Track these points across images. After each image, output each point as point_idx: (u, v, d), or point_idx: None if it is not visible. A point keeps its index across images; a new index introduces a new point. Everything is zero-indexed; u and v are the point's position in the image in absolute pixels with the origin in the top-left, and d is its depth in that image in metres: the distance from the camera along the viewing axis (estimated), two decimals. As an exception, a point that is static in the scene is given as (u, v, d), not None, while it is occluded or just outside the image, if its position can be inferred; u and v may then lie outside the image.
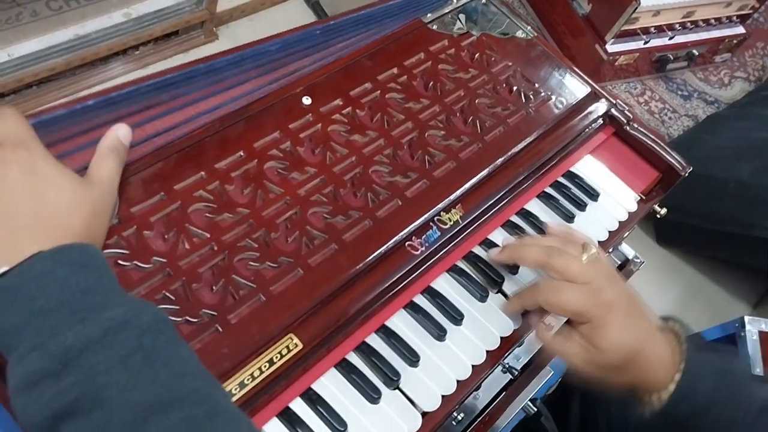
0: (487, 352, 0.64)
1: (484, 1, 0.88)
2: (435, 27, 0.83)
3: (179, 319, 0.54)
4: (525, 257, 0.65)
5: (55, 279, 0.43)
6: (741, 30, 1.90)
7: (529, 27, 0.88)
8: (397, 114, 0.74)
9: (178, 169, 0.62)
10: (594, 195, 0.79)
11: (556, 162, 0.79)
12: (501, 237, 0.72)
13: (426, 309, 0.65)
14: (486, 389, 0.67)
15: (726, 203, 1.48)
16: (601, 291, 0.60)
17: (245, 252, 0.59)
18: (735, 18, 1.87)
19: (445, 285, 0.67)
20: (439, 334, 0.63)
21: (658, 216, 0.84)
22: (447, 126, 0.75)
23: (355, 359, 0.60)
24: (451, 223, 0.68)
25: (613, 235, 0.77)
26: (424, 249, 0.66)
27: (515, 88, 0.81)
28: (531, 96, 0.81)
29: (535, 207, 0.76)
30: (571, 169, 0.80)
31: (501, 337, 0.65)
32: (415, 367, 0.61)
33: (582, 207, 0.77)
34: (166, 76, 0.66)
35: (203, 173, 0.62)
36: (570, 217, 0.76)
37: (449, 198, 0.69)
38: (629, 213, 0.80)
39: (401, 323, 0.63)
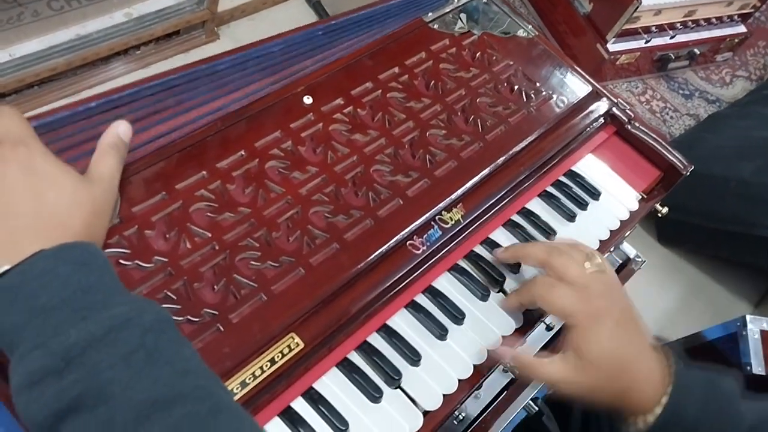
0: (489, 351, 0.64)
1: (485, 1, 0.88)
2: (436, 26, 0.83)
3: (181, 319, 0.54)
4: (527, 254, 0.65)
5: (57, 277, 0.43)
6: (742, 29, 1.90)
7: (531, 26, 0.88)
8: (399, 113, 0.74)
9: (179, 169, 0.62)
10: (595, 194, 0.79)
11: (557, 161, 0.79)
12: (502, 236, 0.72)
13: (427, 308, 0.65)
14: (487, 388, 0.67)
15: (727, 202, 1.48)
16: (595, 298, 0.59)
17: (246, 251, 0.59)
18: (736, 17, 1.86)
19: (447, 284, 0.67)
20: (441, 333, 0.63)
21: (659, 215, 0.84)
22: (448, 125, 0.75)
23: (357, 358, 0.60)
24: (453, 223, 0.68)
25: (615, 234, 0.77)
26: (425, 248, 0.66)
27: (516, 87, 0.81)
28: (532, 95, 0.81)
29: (537, 206, 0.76)
30: (573, 168, 0.80)
31: (502, 336, 0.65)
32: (417, 367, 0.61)
33: (583, 206, 0.77)
34: (168, 77, 0.66)
35: (205, 173, 0.62)
36: (571, 216, 0.76)
37: (450, 197, 0.69)
38: (630, 212, 0.80)
39: (402, 322, 0.63)
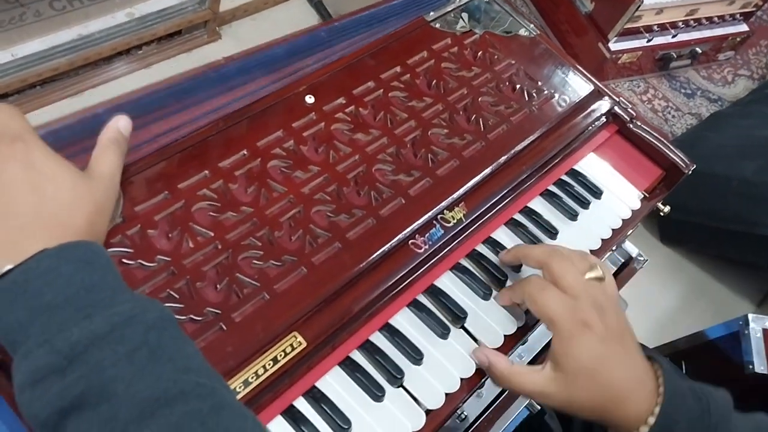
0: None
1: (486, 0, 0.88)
2: (438, 25, 0.83)
3: (183, 318, 0.54)
4: (528, 255, 0.65)
5: (60, 276, 0.43)
6: (744, 28, 1.89)
7: (532, 25, 0.88)
8: (400, 112, 0.74)
9: (181, 168, 0.62)
10: (597, 193, 0.79)
11: (559, 160, 0.79)
12: (504, 235, 0.72)
13: (429, 307, 0.65)
14: (489, 387, 0.67)
15: (729, 201, 1.48)
16: (583, 310, 0.58)
17: (249, 250, 0.59)
18: (738, 16, 1.86)
19: (449, 283, 0.67)
20: (443, 332, 0.63)
21: (661, 214, 0.83)
22: (450, 124, 0.75)
23: (359, 357, 0.60)
24: (455, 222, 0.68)
25: (617, 233, 0.77)
26: (427, 247, 0.66)
27: (518, 86, 0.81)
28: (534, 94, 0.81)
29: (539, 205, 0.76)
30: (575, 167, 0.80)
31: (504, 335, 0.65)
32: (419, 366, 0.61)
33: (585, 205, 0.77)
34: (176, 83, 0.66)
35: (207, 172, 0.62)
36: (573, 215, 0.75)
37: (452, 196, 0.69)
38: (633, 211, 0.80)
39: (405, 321, 0.63)
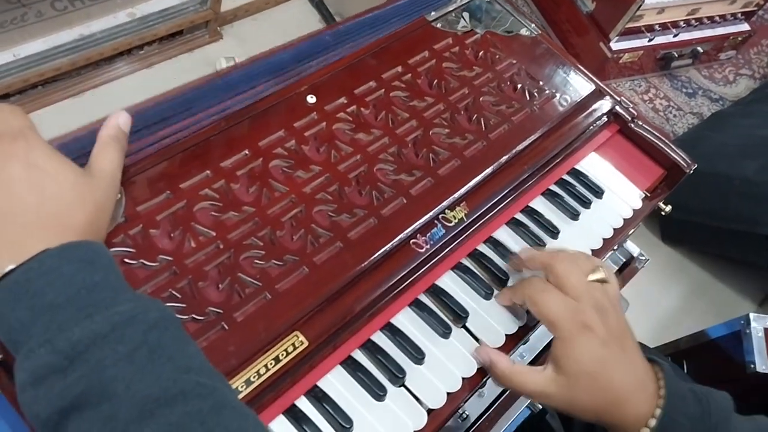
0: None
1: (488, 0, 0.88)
2: (439, 25, 0.83)
3: (185, 317, 0.54)
4: (533, 256, 0.65)
5: (62, 276, 0.43)
6: (746, 27, 1.89)
7: (534, 25, 0.88)
8: (402, 112, 0.74)
9: (183, 168, 0.62)
10: (599, 192, 0.79)
11: (560, 159, 0.79)
12: (506, 235, 0.72)
13: (431, 307, 0.65)
14: (491, 386, 0.67)
15: (731, 201, 1.48)
16: (585, 312, 0.58)
17: (251, 250, 0.60)
18: (740, 15, 1.86)
19: (450, 283, 0.67)
20: (444, 331, 0.63)
21: (663, 213, 0.83)
22: (451, 124, 0.75)
23: (361, 357, 0.60)
24: (456, 221, 0.68)
25: (618, 233, 0.77)
26: (428, 247, 0.66)
27: (519, 85, 0.81)
28: (535, 94, 0.81)
29: (540, 205, 0.76)
30: (576, 167, 0.80)
31: (506, 335, 0.65)
32: (421, 365, 0.61)
33: (587, 204, 0.77)
34: (182, 93, 0.66)
35: (209, 172, 0.63)
36: (575, 215, 0.75)
37: (454, 196, 0.69)
38: (634, 210, 0.80)
39: (406, 321, 0.64)
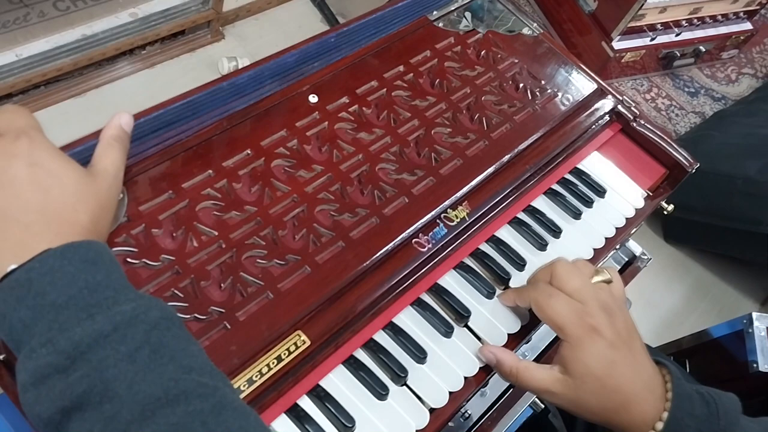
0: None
1: (490, -1, 0.88)
2: (441, 24, 0.83)
3: (188, 317, 0.54)
4: (535, 275, 0.64)
5: (64, 276, 0.43)
6: (748, 26, 1.89)
7: (535, 24, 0.88)
8: (404, 111, 0.74)
9: (186, 168, 0.62)
10: (601, 192, 0.79)
11: (562, 159, 0.79)
12: (508, 234, 0.72)
13: (433, 306, 0.65)
14: (493, 386, 0.67)
15: (733, 200, 1.48)
16: (591, 315, 0.58)
17: (253, 249, 0.60)
18: (742, 14, 1.86)
19: (452, 282, 0.67)
20: (447, 331, 0.63)
21: (665, 212, 0.83)
22: (453, 123, 0.75)
23: (363, 356, 0.60)
24: (458, 220, 0.68)
25: (621, 232, 0.77)
26: (430, 246, 0.66)
27: (521, 85, 0.81)
28: (537, 93, 0.81)
29: (542, 204, 0.76)
30: (578, 166, 0.80)
31: (508, 334, 0.65)
32: (423, 364, 0.61)
33: (589, 204, 0.77)
34: (191, 98, 0.66)
35: (211, 171, 0.63)
36: (577, 214, 0.75)
37: (456, 195, 0.69)
38: (636, 209, 0.79)
39: (408, 320, 0.64)
